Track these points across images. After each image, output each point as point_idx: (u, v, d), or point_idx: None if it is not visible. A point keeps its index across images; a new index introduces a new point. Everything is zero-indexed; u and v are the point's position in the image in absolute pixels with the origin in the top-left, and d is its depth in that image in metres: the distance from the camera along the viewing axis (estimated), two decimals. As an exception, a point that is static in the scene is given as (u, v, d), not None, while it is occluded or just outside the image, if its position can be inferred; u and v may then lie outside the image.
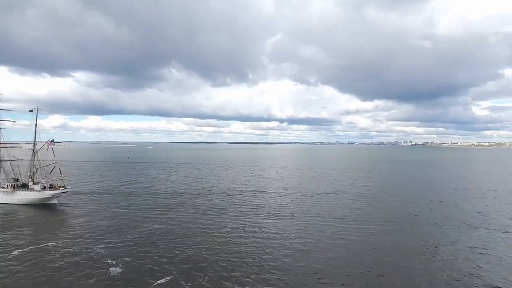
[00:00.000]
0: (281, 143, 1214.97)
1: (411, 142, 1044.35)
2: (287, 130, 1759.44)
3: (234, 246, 38.21)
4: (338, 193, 76.49)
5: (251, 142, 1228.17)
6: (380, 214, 54.83)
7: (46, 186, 63.76)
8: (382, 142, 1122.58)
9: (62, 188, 64.29)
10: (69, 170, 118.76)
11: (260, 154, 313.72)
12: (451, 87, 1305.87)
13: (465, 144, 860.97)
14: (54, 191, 62.82)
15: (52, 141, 67.92)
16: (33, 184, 64.11)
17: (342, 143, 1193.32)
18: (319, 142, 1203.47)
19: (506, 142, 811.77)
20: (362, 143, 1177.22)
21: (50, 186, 64.55)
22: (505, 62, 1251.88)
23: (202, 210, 57.38)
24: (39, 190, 62.57)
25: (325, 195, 73.25)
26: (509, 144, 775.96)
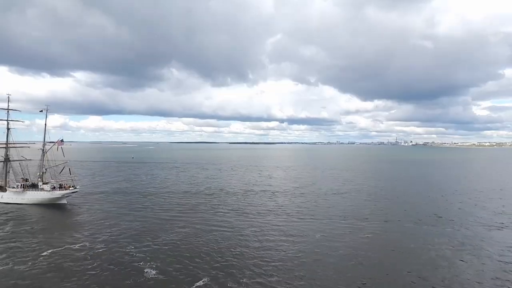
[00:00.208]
0: (281, 143, 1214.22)
1: (412, 142, 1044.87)
2: (287, 130, 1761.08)
3: (262, 248, 37.58)
4: (352, 193, 75.96)
5: (251, 142, 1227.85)
6: (405, 215, 55.02)
7: (56, 186, 63.73)
8: (383, 142, 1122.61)
9: (72, 188, 64.27)
10: (75, 170, 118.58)
11: (262, 154, 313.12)
12: (451, 87, 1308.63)
13: (466, 144, 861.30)
14: (64, 191, 62.74)
15: (61, 141, 67.84)
16: (42, 184, 64.07)
17: (342, 143, 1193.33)
18: (319, 142, 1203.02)
19: (506, 142, 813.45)
20: (363, 143, 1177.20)
21: (60, 186, 64.46)
22: (505, 62, 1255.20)
23: (221, 210, 56.97)
24: (49, 190, 62.50)
25: (339, 195, 72.85)
26: (510, 144, 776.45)
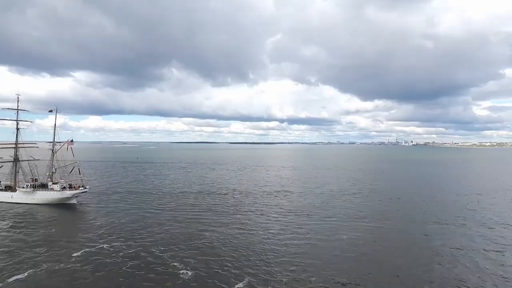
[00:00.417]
0: (281, 143, 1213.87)
1: (412, 142, 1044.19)
2: (287, 130, 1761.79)
3: (292, 249, 37.27)
4: (365, 194, 75.94)
5: (251, 142, 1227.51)
6: (430, 215, 55.15)
7: (65, 186, 63.76)
8: (383, 142, 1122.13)
9: (82, 188, 64.29)
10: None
11: (265, 154, 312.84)
12: (452, 87, 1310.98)
13: (466, 144, 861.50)
14: (74, 191, 62.77)
15: (71, 141, 67.87)
16: (52, 184, 64.10)
17: (343, 143, 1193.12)
18: (320, 142, 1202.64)
19: (507, 142, 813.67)
20: (363, 143, 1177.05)
21: (69, 186, 64.53)
22: (506, 62, 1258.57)
23: (240, 211, 56.64)
24: (59, 190, 62.53)
25: (354, 196, 73.11)
26: (510, 144, 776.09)
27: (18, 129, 68.07)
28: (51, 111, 66.39)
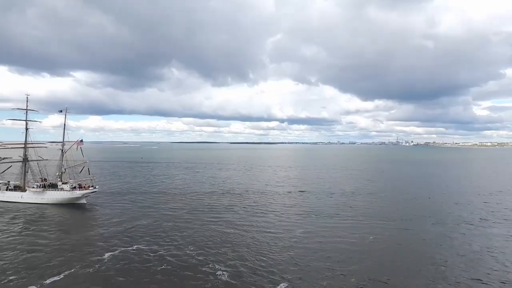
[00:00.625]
0: (282, 143, 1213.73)
1: (413, 142, 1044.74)
2: (287, 130, 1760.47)
3: (324, 250, 36.98)
4: (379, 194, 75.74)
5: (251, 142, 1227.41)
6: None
7: (75, 186, 63.90)
8: (384, 142, 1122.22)
9: (92, 188, 64.46)
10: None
11: (268, 154, 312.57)
12: (452, 87, 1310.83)
13: (467, 144, 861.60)
14: (84, 191, 62.87)
15: (81, 141, 68.03)
16: (62, 184, 64.25)
17: (343, 143, 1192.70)
18: (320, 142, 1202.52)
19: (508, 142, 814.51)
20: (364, 143, 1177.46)
21: (79, 185, 64.69)
22: (506, 61, 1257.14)
23: (258, 211, 56.23)
24: (69, 190, 62.66)
25: (368, 196, 73.43)
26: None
27: (27, 129, 68.14)
28: (61, 111, 66.56)
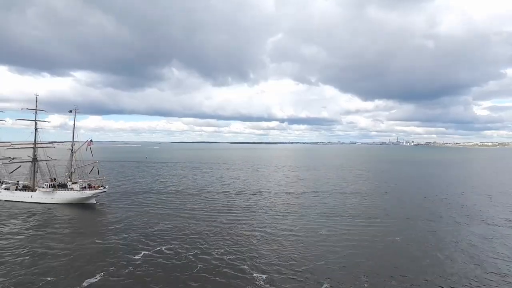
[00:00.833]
0: (282, 143, 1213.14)
1: (413, 142, 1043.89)
2: (287, 130, 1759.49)
3: (356, 251, 37.03)
4: (395, 194, 76.04)
5: (252, 142, 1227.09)
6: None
7: (85, 186, 64.23)
8: (384, 142, 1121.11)
9: (101, 188, 64.79)
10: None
11: (270, 154, 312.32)
12: (453, 87, 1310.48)
13: (468, 144, 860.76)
14: (94, 191, 63.30)
15: (91, 141, 68.40)
16: (71, 183, 64.57)
17: (344, 143, 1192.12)
18: (321, 142, 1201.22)
19: (509, 142, 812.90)
20: (364, 143, 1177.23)
21: (88, 185, 65.03)
22: (507, 61, 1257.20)
23: (277, 212, 56.03)
24: (79, 190, 63.00)
25: (386, 195, 74.25)
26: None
27: (36, 129, 68.57)
28: (70, 111, 66.89)
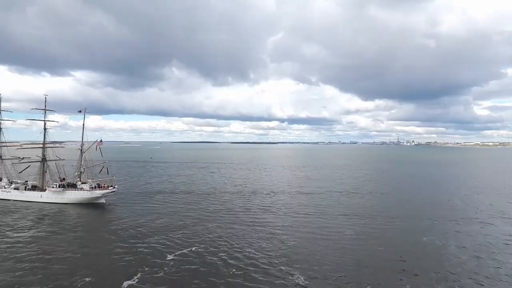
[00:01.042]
0: (282, 143, 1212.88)
1: (414, 142, 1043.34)
2: (287, 129, 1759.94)
3: (387, 252, 36.42)
4: (409, 194, 76.10)
5: (252, 142, 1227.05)
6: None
7: (95, 186, 64.37)
8: (385, 142, 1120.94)
9: (111, 187, 64.90)
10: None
11: (273, 154, 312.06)
12: (453, 87, 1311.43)
13: (469, 143, 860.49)
14: (104, 191, 63.26)
15: (100, 141, 68.51)
16: (81, 183, 64.71)
17: (344, 143, 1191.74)
18: (321, 142, 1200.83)
19: (510, 142, 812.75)
20: (365, 143, 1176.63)
21: (97, 185, 65.15)
22: (508, 61, 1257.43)
23: (298, 213, 55.47)
24: (89, 190, 63.12)
25: (400, 194, 74.48)
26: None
27: (45, 129, 68.61)
28: (80, 111, 67.04)
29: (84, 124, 66.85)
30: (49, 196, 63.76)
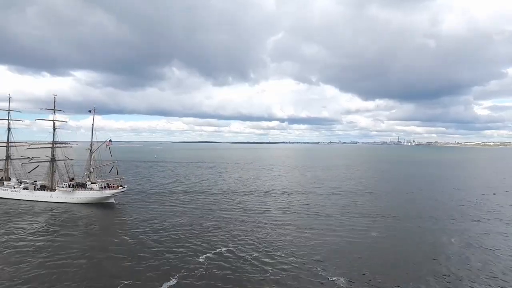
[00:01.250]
0: (282, 143, 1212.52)
1: (414, 141, 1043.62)
2: (287, 129, 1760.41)
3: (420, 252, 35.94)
4: (425, 195, 75.15)
5: (252, 141, 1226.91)
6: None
7: (104, 186, 63.24)
8: (386, 142, 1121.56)
9: (120, 187, 63.77)
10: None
11: (275, 154, 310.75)
12: (454, 86, 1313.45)
13: (470, 143, 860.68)
14: (113, 191, 62.18)
15: (110, 141, 67.34)
16: (90, 183, 63.60)
17: (345, 143, 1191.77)
18: (322, 142, 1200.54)
19: (511, 142, 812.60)
20: (365, 143, 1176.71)
21: (107, 185, 64.02)
22: (508, 61, 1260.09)
23: (319, 213, 54.60)
24: (98, 190, 62.02)
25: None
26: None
27: (54, 129, 67.48)
28: (90, 111, 65.87)
29: (93, 124, 65.72)
30: (59, 195, 62.74)
